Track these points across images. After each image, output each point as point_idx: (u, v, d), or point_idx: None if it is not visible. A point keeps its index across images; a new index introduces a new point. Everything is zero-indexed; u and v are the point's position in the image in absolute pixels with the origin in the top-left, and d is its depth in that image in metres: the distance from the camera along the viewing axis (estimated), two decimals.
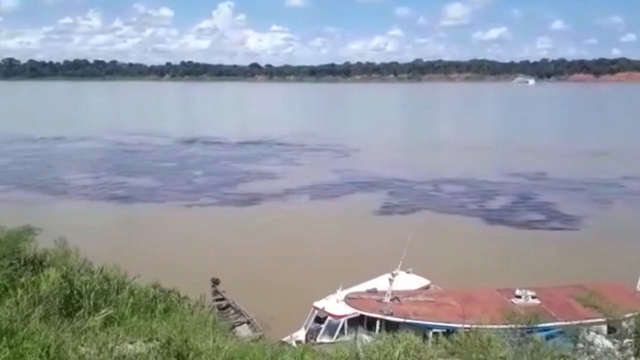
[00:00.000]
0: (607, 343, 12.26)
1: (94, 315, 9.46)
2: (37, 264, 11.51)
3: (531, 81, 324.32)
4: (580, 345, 11.95)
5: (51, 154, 67.52)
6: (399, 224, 33.07)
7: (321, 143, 74.53)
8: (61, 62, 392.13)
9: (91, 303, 10.05)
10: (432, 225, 34.72)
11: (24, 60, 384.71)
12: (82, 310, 9.71)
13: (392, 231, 29.64)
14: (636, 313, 12.79)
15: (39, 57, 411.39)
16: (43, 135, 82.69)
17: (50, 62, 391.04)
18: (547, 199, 42.47)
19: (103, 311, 9.72)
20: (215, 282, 21.22)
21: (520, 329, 11.49)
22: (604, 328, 13.33)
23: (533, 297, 17.70)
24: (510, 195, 44.02)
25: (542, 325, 13.33)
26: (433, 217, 37.40)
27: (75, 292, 10.24)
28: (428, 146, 71.84)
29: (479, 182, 48.27)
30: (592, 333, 12.64)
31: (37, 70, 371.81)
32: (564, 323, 14.57)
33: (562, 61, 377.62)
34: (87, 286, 10.49)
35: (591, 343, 11.97)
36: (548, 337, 12.99)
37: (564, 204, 40.36)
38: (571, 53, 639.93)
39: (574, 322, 13.93)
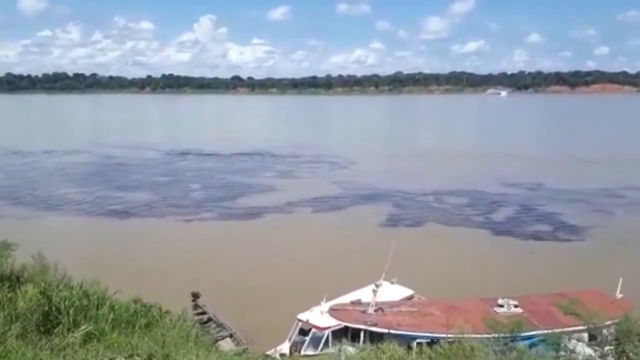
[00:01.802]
0: (589, 350, 12.38)
1: (73, 332, 9.25)
2: (14, 280, 11.21)
3: (503, 93, 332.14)
4: (562, 353, 12.06)
5: (41, 167, 66.27)
6: (388, 234, 32.62)
7: (315, 154, 74.39)
8: (40, 75, 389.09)
9: (70, 319, 9.80)
10: (422, 235, 35.00)
11: (1, 73, 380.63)
12: (61, 326, 9.48)
13: (381, 241, 29.28)
14: (616, 320, 12.94)
15: (17, 71, 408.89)
16: (31, 149, 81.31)
17: (29, 75, 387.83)
18: (541, 208, 42.73)
19: (82, 327, 9.50)
20: (196, 295, 20.85)
21: (503, 337, 11.55)
22: (585, 336, 13.44)
23: (515, 306, 17.82)
24: (502, 203, 44.39)
25: (525, 333, 13.41)
26: (425, 227, 37.46)
27: (53, 308, 9.96)
28: (421, 156, 72.67)
29: (469, 192, 48.61)
30: (573, 341, 12.76)
31: (15, 84, 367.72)
32: (546, 331, 14.67)
33: (539, 73, 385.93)
34: (66, 302, 10.21)
35: (573, 351, 12.11)
36: (531, 346, 13.06)
37: (557, 212, 40.80)
38: (547, 65, 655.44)
39: (556, 330, 14.07)
